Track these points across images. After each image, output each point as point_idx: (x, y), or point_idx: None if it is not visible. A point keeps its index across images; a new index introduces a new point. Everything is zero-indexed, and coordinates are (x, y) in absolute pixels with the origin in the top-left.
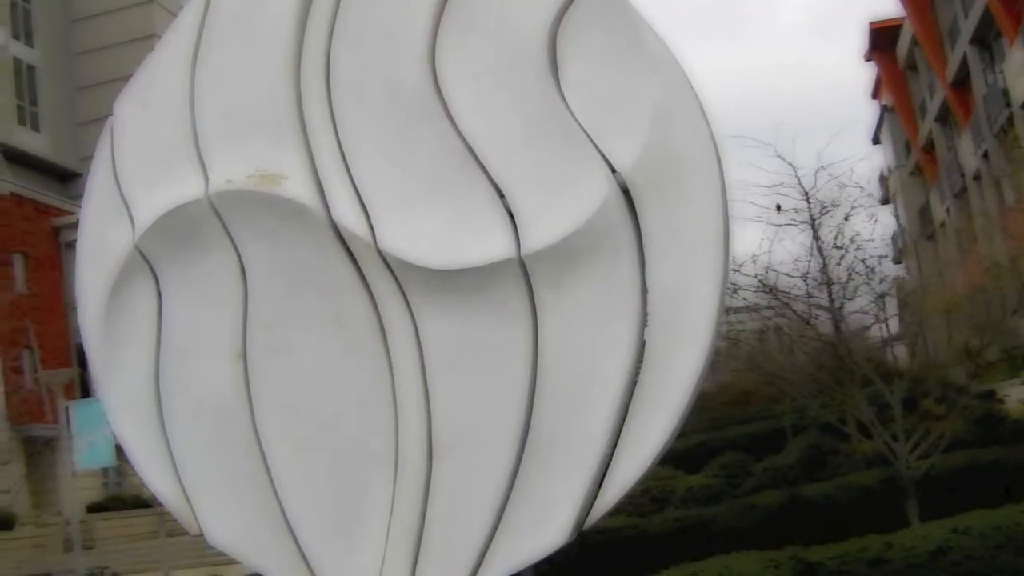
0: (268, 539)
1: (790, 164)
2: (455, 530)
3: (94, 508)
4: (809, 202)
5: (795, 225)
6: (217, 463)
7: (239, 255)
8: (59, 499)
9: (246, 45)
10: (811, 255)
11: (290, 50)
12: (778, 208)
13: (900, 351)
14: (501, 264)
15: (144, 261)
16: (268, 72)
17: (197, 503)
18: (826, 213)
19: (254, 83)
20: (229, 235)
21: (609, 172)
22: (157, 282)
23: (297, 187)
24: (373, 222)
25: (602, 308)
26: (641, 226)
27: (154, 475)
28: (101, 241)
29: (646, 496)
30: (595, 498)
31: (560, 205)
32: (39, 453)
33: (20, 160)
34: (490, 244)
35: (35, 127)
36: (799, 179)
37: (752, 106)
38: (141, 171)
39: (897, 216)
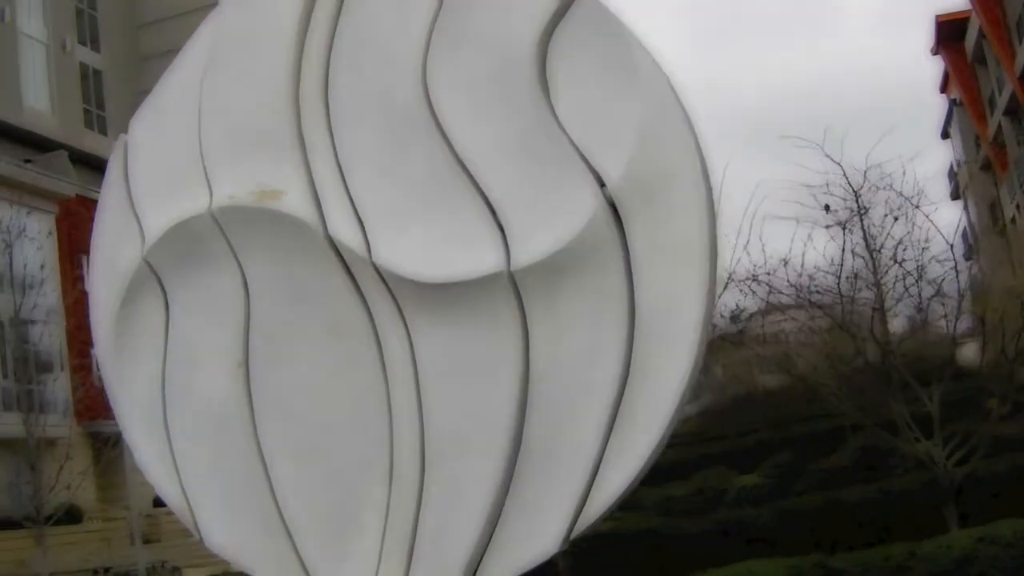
0: (265, 545)
1: (838, 163)
2: (447, 538)
3: (161, 503)
4: (858, 202)
5: (842, 226)
6: (217, 469)
7: (242, 268)
8: (126, 494)
9: (249, 65)
10: (850, 255)
11: (289, 69)
12: (827, 208)
13: (971, 349)
14: (491, 278)
15: (152, 274)
16: (269, 90)
17: (198, 508)
18: (864, 213)
19: (256, 101)
20: (232, 249)
21: (597, 187)
22: (165, 294)
23: (295, 202)
24: (369, 236)
25: (591, 322)
26: (628, 241)
27: (161, 480)
28: (113, 256)
29: (700, 496)
30: (583, 507)
31: (549, 220)
32: (106, 449)
33: (87, 163)
34: (481, 258)
35: (102, 130)
36: (847, 178)
37: (816, 102)
38: (152, 187)
39: (967, 211)
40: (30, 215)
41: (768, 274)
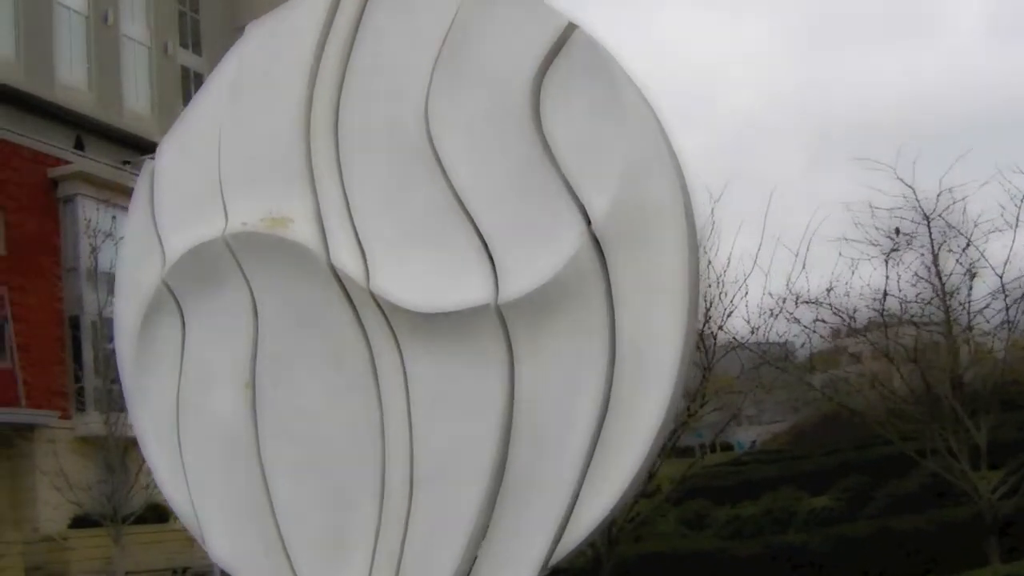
0: (264, 559)
1: (910, 187)
2: (432, 559)
3: None
4: (930, 226)
5: (913, 249)
6: (224, 485)
7: (252, 292)
8: None
9: (267, 95)
10: (916, 280)
11: (302, 100)
12: (897, 232)
13: None
14: (479, 310)
15: (171, 295)
16: (283, 120)
17: (204, 521)
18: (938, 239)
19: (271, 132)
20: (244, 274)
21: (584, 223)
22: (182, 315)
23: (302, 230)
24: (370, 265)
25: (573, 355)
26: (611, 276)
27: (172, 491)
28: (137, 275)
29: (768, 517)
30: (563, 535)
31: (536, 255)
32: None
33: None
34: (470, 291)
35: None
36: (919, 202)
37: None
38: (174, 211)
39: None
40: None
41: (823, 297)
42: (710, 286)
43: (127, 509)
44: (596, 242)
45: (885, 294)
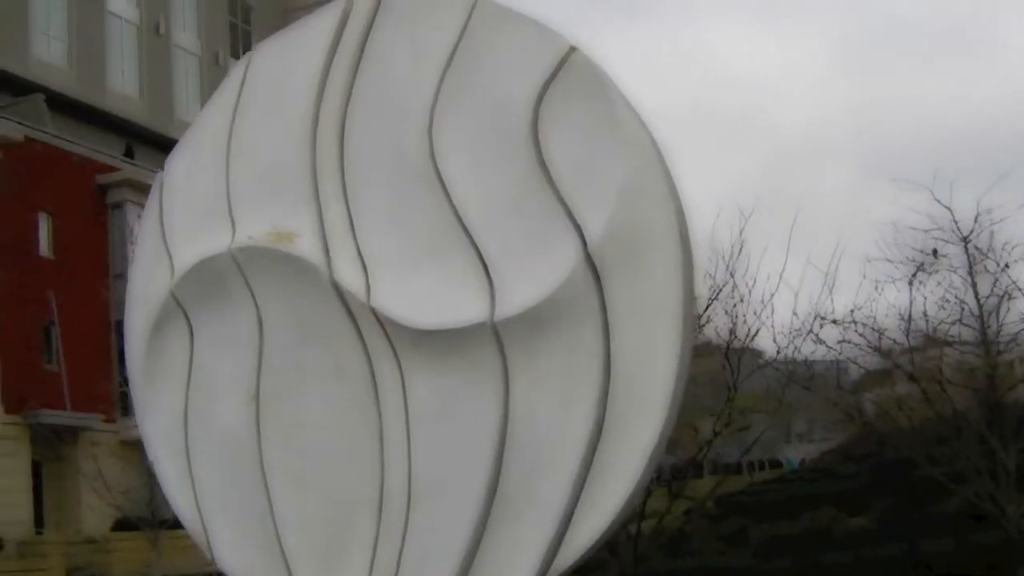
0: (266, 569)
1: (947, 208)
2: (427, 572)
3: None
4: (967, 247)
5: (940, 272)
6: (230, 495)
7: (257, 306)
8: None
9: (275, 111)
10: (953, 301)
11: (309, 116)
12: (934, 253)
13: None
14: (476, 328)
15: (179, 307)
16: (290, 138)
17: (211, 530)
18: (974, 259)
19: (279, 147)
20: (249, 287)
21: (580, 243)
22: (190, 326)
23: (306, 245)
24: (371, 281)
25: (568, 374)
26: (605, 297)
27: (180, 502)
28: (147, 285)
29: (805, 536)
30: (555, 555)
31: (532, 274)
32: None
33: None
34: (468, 308)
35: None
36: (956, 224)
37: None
38: (184, 224)
39: None
40: None
41: (849, 318)
42: (735, 305)
43: (166, 513)
44: (592, 263)
45: (910, 317)
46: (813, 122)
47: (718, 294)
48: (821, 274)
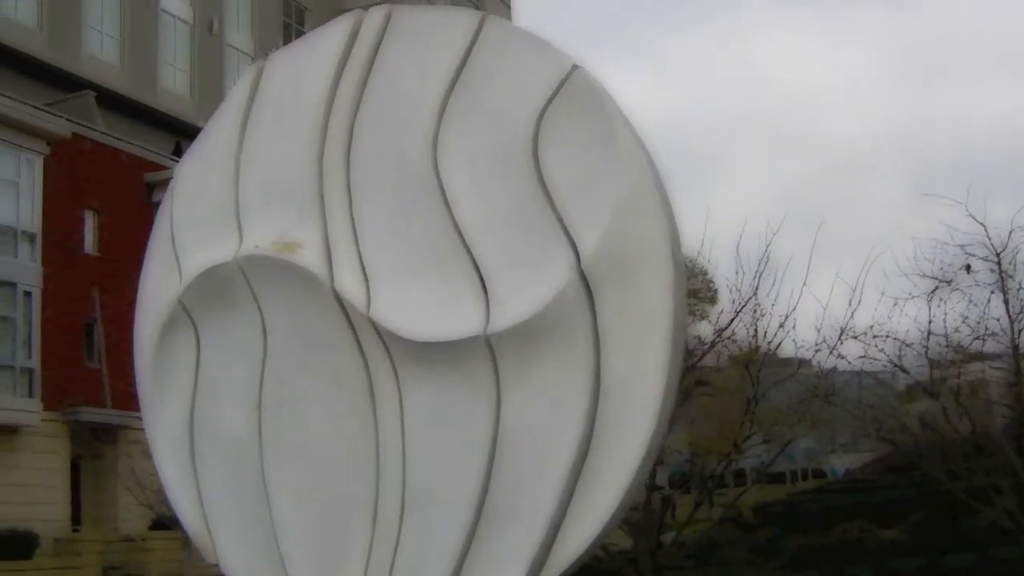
0: (266, 574)
1: (981, 224)
2: None
3: None
4: (1000, 264)
5: (961, 289)
6: (233, 500)
7: (262, 314)
8: None
9: (285, 123)
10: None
11: (317, 130)
12: (967, 269)
13: None
14: (471, 341)
15: (186, 313)
16: (298, 149)
17: (216, 536)
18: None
19: (288, 157)
20: (254, 296)
21: (574, 259)
22: (197, 333)
23: (310, 256)
24: (372, 292)
25: (558, 388)
26: (597, 312)
27: (183, 507)
28: (157, 291)
29: (836, 547)
30: (543, 564)
31: (527, 288)
32: None
33: None
34: (463, 321)
35: None
36: (989, 239)
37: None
38: (193, 231)
39: None
40: None
41: (869, 333)
42: (759, 319)
43: None
44: (585, 278)
45: (928, 333)
46: (860, 135)
47: (743, 307)
48: (849, 288)
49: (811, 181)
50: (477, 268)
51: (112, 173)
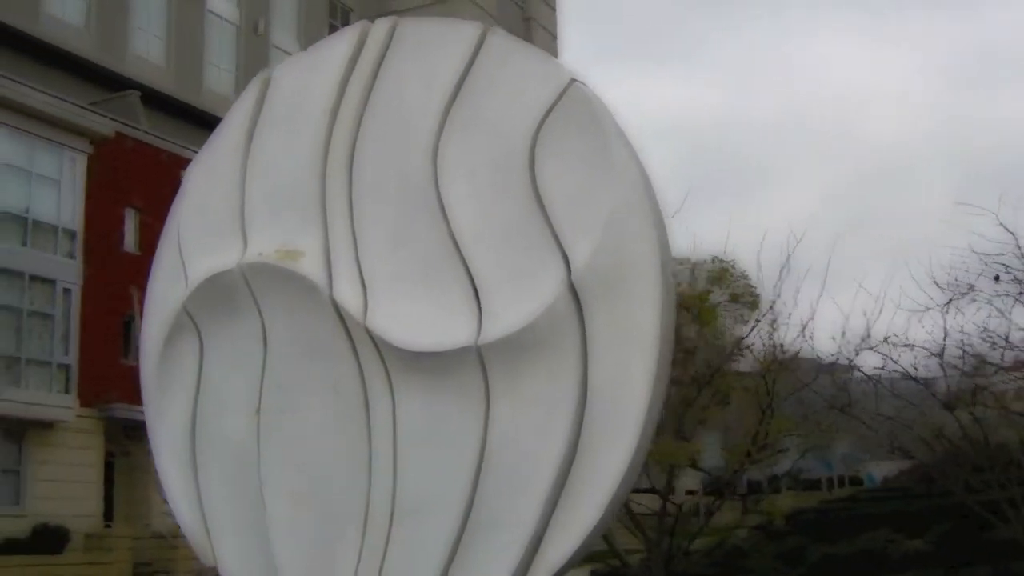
0: None
1: (1011, 233)
2: None
3: None
4: None
5: (978, 301)
6: (231, 506)
7: (263, 322)
8: None
9: (290, 133)
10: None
11: (321, 141)
12: (996, 279)
13: None
14: (462, 351)
15: (190, 319)
16: (302, 159)
17: (216, 538)
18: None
19: (292, 167)
20: (256, 303)
21: (564, 272)
22: (200, 339)
23: (310, 264)
24: (369, 302)
25: (546, 399)
26: (586, 325)
27: (183, 510)
28: (164, 296)
29: (861, 556)
30: (527, 572)
31: (519, 301)
32: None
33: None
34: (456, 332)
35: None
36: (1020, 246)
37: None
38: (198, 237)
39: None
40: None
41: (886, 343)
42: (775, 330)
43: None
44: (575, 291)
45: (944, 348)
46: (904, 140)
47: (762, 317)
48: (874, 298)
49: (852, 185)
50: (472, 279)
51: (154, 172)
